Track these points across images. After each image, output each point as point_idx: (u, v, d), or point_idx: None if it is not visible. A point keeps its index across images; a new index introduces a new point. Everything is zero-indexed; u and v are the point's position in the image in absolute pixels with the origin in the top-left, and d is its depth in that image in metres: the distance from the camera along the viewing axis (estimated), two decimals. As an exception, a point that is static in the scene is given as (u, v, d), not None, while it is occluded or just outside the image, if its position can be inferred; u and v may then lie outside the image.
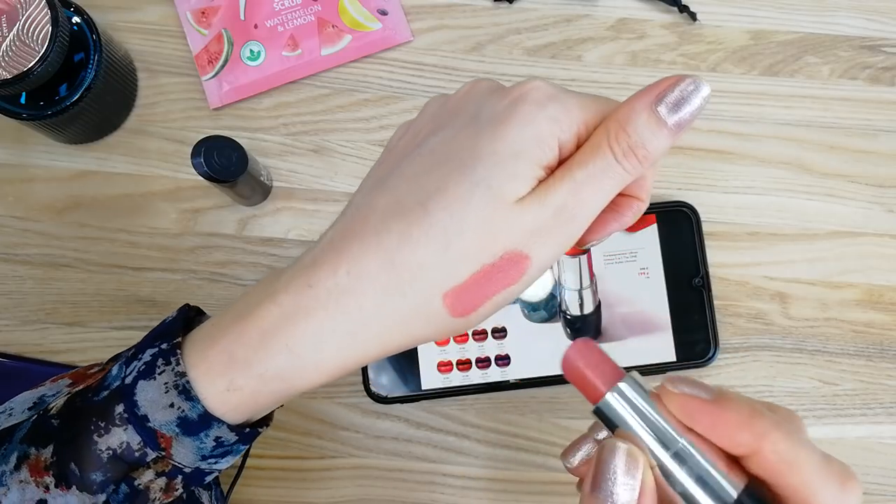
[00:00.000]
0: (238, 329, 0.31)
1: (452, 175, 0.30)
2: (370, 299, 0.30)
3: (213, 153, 0.46)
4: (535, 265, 0.30)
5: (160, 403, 0.31)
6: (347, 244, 0.30)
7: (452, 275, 0.30)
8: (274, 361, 0.31)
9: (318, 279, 0.30)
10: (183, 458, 0.32)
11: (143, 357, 0.32)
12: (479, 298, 0.30)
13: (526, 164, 0.30)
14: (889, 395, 0.52)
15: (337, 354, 0.31)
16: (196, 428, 0.32)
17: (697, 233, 0.52)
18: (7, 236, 0.53)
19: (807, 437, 0.29)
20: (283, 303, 0.31)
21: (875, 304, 0.53)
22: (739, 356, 0.52)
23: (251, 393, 0.31)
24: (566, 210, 0.30)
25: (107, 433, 0.32)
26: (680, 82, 0.30)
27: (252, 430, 0.33)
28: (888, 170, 0.54)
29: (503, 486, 0.51)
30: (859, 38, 0.55)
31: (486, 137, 0.30)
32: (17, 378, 0.51)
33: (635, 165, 0.30)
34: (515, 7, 0.55)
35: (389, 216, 0.30)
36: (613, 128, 0.30)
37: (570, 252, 0.52)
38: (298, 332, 0.30)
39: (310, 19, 0.54)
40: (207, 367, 0.31)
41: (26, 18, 0.44)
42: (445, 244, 0.29)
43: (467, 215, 0.29)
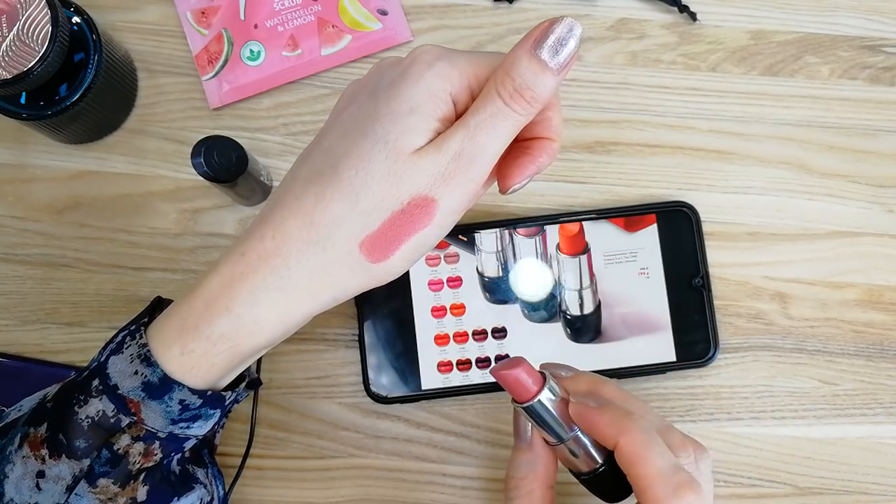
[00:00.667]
0: (188, 301, 0.35)
1: (357, 139, 0.33)
2: (294, 257, 0.34)
3: (213, 153, 0.46)
4: (443, 208, 0.33)
5: (127, 372, 0.35)
6: (272, 213, 0.34)
7: (365, 225, 0.33)
8: (218, 323, 0.35)
9: (249, 247, 0.34)
10: (154, 423, 0.36)
11: (115, 340, 0.37)
12: (394, 243, 0.34)
13: (419, 117, 0.33)
14: (889, 395, 0.52)
15: (272, 310, 0.34)
16: (159, 391, 0.35)
17: (697, 233, 0.52)
18: (7, 236, 0.53)
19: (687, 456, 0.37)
20: (223, 272, 0.35)
21: (875, 304, 0.53)
22: (739, 356, 0.52)
23: (203, 353, 0.35)
24: (464, 154, 0.33)
25: (86, 404, 0.36)
26: (554, 25, 0.33)
27: (215, 393, 0.37)
28: (888, 170, 0.54)
29: (503, 486, 0.51)
30: (859, 38, 0.55)
31: (383, 100, 0.33)
32: (17, 378, 0.51)
33: (524, 107, 0.33)
34: (515, 7, 0.55)
35: (307, 182, 0.34)
36: (500, 75, 0.33)
37: (571, 251, 0.52)
38: (235, 294, 0.34)
39: (310, 19, 0.54)
40: (164, 336, 0.36)
41: (26, 18, 0.44)
42: (355, 198, 0.33)
43: (371, 169, 0.33)
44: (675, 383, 0.52)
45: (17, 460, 0.36)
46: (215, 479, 0.41)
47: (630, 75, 0.55)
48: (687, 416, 0.52)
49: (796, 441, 0.52)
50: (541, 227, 0.52)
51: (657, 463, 0.35)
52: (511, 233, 0.52)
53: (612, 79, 0.55)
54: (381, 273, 0.34)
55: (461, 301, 0.52)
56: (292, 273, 0.34)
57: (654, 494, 0.34)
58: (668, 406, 0.52)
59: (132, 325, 0.37)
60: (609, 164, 0.54)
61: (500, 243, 0.52)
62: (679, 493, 0.34)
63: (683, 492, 0.34)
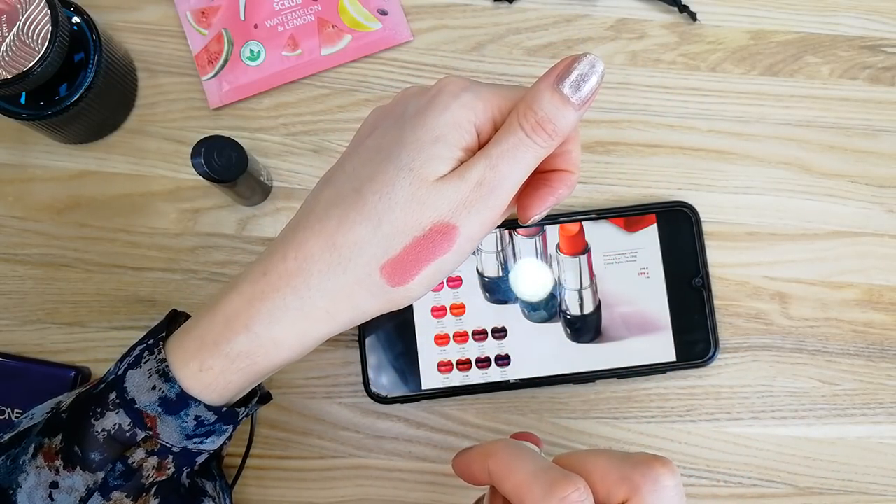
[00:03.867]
0: (208, 318, 0.36)
1: (382, 164, 0.34)
2: (316, 278, 0.34)
3: (213, 153, 0.46)
4: (464, 235, 0.34)
5: (144, 387, 0.36)
6: (294, 234, 0.35)
7: (387, 249, 0.34)
8: (237, 341, 0.35)
9: (270, 266, 0.35)
10: (169, 437, 0.36)
11: (133, 353, 0.38)
12: (414, 268, 0.34)
13: (444, 146, 0.33)
14: (889, 395, 0.52)
15: (291, 329, 0.35)
16: (176, 407, 0.36)
17: (697, 233, 0.52)
18: (7, 236, 0.53)
19: None
20: (243, 290, 0.35)
21: (875, 304, 0.53)
22: (739, 356, 0.52)
23: (220, 371, 0.36)
24: (486, 183, 0.33)
25: (102, 417, 0.36)
26: (577, 62, 0.34)
27: (230, 409, 0.37)
28: (888, 170, 0.54)
29: None
30: (859, 38, 0.55)
31: (409, 128, 0.34)
32: (17, 378, 0.51)
33: (545, 139, 0.34)
34: (515, 7, 0.55)
35: (330, 205, 0.35)
36: (522, 108, 0.34)
37: (571, 251, 0.52)
38: (254, 312, 0.35)
39: (310, 19, 0.54)
40: (183, 352, 0.36)
41: (26, 18, 0.44)
42: (378, 222, 0.33)
43: (395, 194, 0.33)
44: (675, 383, 0.52)
45: (30, 470, 0.37)
46: (223, 492, 0.42)
47: (630, 75, 0.55)
48: (687, 416, 0.52)
49: (796, 441, 0.52)
50: (541, 226, 0.52)
51: (526, 468, 0.33)
52: (511, 233, 0.52)
53: (612, 79, 0.55)
54: (399, 297, 0.35)
55: (461, 301, 0.52)
56: (313, 294, 0.34)
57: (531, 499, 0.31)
58: (668, 406, 0.52)
59: (149, 338, 0.38)
60: (609, 164, 0.54)
61: (500, 243, 0.52)
62: (554, 489, 0.31)
63: (559, 486, 0.31)
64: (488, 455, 0.34)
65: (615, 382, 0.52)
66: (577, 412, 0.52)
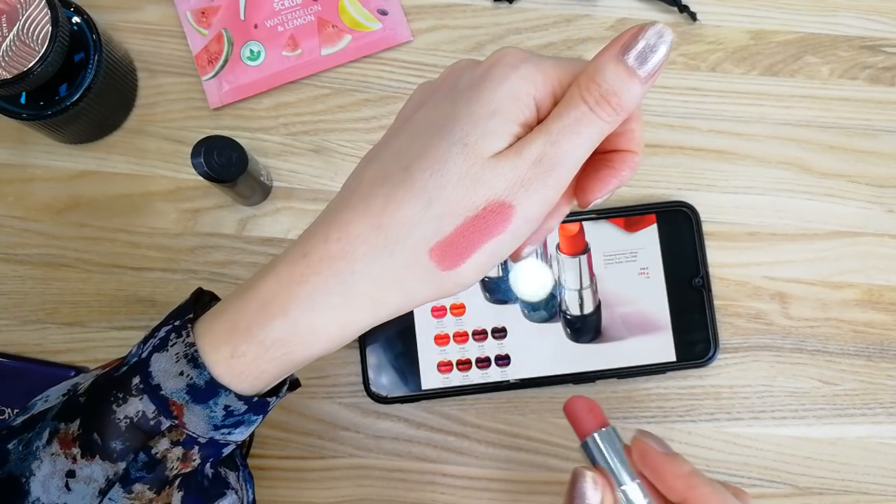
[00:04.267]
0: (241, 301, 0.33)
1: (432, 140, 0.31)
2: (360, 261, 0.31)
3: (213, 153, 0.46)
4: (520, 215, 0.31)
5: (171, 372, 0.33)
6: (338, 214, 0.32)
7: (437, 230, 0.31)
8: (272, 326, 0.32)
9: (311, 248, 0.32)
10: (195, 427, 0.34)
11: (158, 334, 0.35)
12: (466, 251, 0.31)
13: (501, 120, 0.31)
14: (889, 395, 0.52)
15: (332, 317, 0.32)
16: (204, 395, 0.33)
17: (697, 233, 0.52)
18: (7, 236, 0.53)
19: None
20: (280, 273, 0.33)
21: (875, 304, 0.53)
22: (739, 356, 0.52)
23: (253, 358, 0.33)
24: (545, 160, 0.31)
25: (125, 403, 0.34)
26: (644, 31, 0.31)
27: (261, 398, 0.35)
28: (888, 170, 0.54)
29: (503, 486, 0.51)
30: (859, 38, 0.55)
31: (462, 102, 0.32)
32: (17, 378, 0.51)
33: (610, 114, 0.31)
34: (515, 7, 0.55)
35: (376, 183, 0.32)
36: (584, 80, 0.31)
37: (571, 251, 0.52)
38: (293, 297, 0.32)
39: (310, 19, 0.54)
40: (213, 336, 0.33)
41: (26, 18, 0.44)
42: (427, 201, 0.31)
43: (446, 171, 0.31)
44: (675, 383, 0.52)
45: (44, 457, 0.34)
46: (246, 482, 0.39)
47: (630, 75, 0.55)
48: (687, 416, 0.52)
49: (796, 441, 0.52)
50: (541, 227, 0.52)
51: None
52: (511, 233, 0.52)
53: (612, 79, 0.55)
54: (450, 283, 0.32)
55: (461, 301, 0.52)
56: (357, 278, 0.32)
57: None
58: (668, 406, 0.52)
59: (175, 319, 0.35)
60: (609, 164, 0.54)
61: (500, 243, 0.52)
62: None
63: None
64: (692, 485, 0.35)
65: (615, 382, 0.52)
66: (577, 412, 0.52)
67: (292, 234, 0.53)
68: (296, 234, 0.53)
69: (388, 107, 0.54)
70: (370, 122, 0.54)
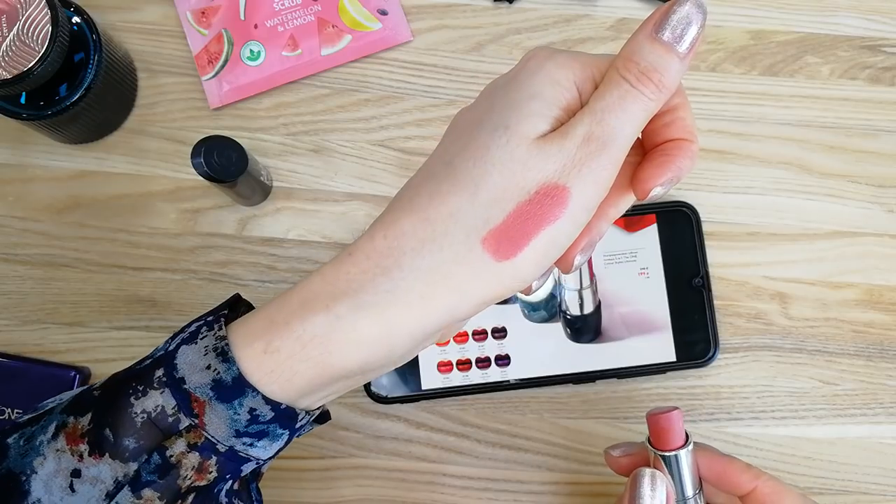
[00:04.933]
0: (282, 298, 0.32)
1: (474, 132, 0.31)
2: (408, 256, 0.30)
3: (213, 153, 0.46)
4: (577, 199, 0.30)
5: (198, 365, 0.31)
6: (383, 216, 0.32)
7: (488, 218, 0.30)
8: (313, 321, 0.31)
9: (357, 246, 0.31)
10: (216, 430, 0.31)
11: (188, 329, 0.33)
12: (522, 239, 0.30)
13: (541, 102, 0.30)
14: (889, 395, 0.52)
15: (378, 317, 0.30)
16: (230, 393, 0.31)
17: (697, 233, 0.52)
18: (7, 236, 0.53)
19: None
20: (325, 272, 0.31)
21: (875, 304, 0.53)
22: (739, 356, 0.52)
23: (288, 356, 0.31)
24: (594, 138, 0.29)
25: (143, 395, 0.31)
26: (676, 6, 0.30)
27: (289, 407, 0.32)
28: (888, 170, 0.54)
29: (503, 486, 0.51)
30: (859, 38, 0.55)
31: (500, 94, 0.31)
32: (17, 378, 0.51)
33: (653, 90, 0.30)
34: (515, 7, 0.55)
35: (421, 184, 0.31)
36: (620, 61, 0.30)
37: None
38: (338, 293, 0.30)
39: (310, 19, 0.54)
40: (246, 330, 0.32)
41: (26, 18, 0.44)
42: (474, 189, 0.30)
43: (491, 157, 0.29)
44: (675, 383, 0.52)
45: (48, 453, 0.32)
46: None
47: (630, 75, 0.55)
48: (687, 416, 0.52)
49: (796, 441, 0.52)
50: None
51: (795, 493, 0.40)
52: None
53: (612, 79, 0.55)
54: (508, 276, 0.30)
55: (461, 301, 0.52)
56: (406, 275, 0.30)
57: None
58: (668, 406, 0.52)
59: (209, 315, 0.33)
60: (609, 164, 0.54)
61: (500, 243, 0.52)
62: None
63: None
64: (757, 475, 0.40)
65: (615, 382, 0.52)
66: (577, 412, 0.52)
67: (292, 235, 0.53)
68: (296, 235, 0.53)
69: (388, 107, 0.54)
70: (370, 122, 0.54)
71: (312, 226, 0.53)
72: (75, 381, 0.50)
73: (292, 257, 0.53)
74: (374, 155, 0.54)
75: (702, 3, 0.30)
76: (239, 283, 0.53)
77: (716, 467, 0.40)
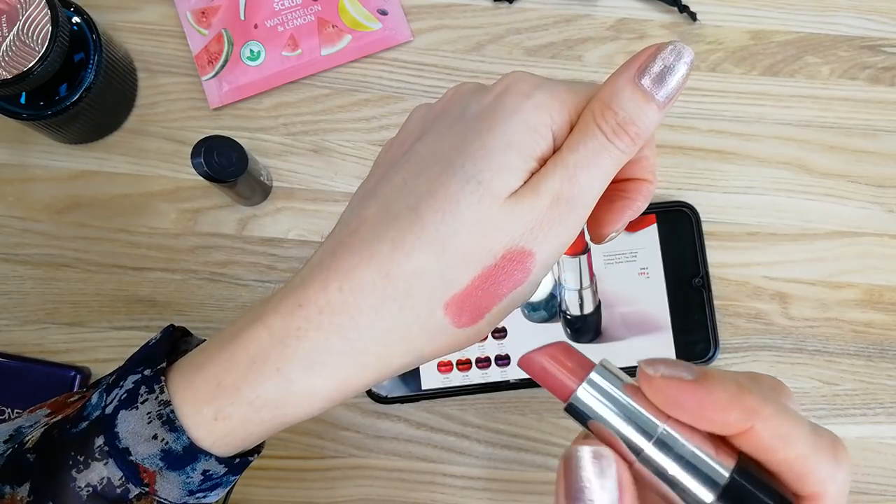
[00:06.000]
0: (226, 354, 0.29)
1: (441, 176, 0.28)
2: (366, 316, 0.28)
3: (213, 153, 0.46)
4: (539, 262, 0.28)
5: (142, 435, 0.29)
6: (338, 259, 0.29)
7: (451, 281, 0.28)
8: (264, 387, 0.29)
9: (307, 297, 0.29)
10: (168, 494, 0.30)
11: (124, 384, 0.30)
12: (484, 305, 0.28)
13: (517, 155, 0.28)
14: (889, 395, 0.52)
15: (332, 377, 0.29)
16: (181, 461, 0.29)
17: (697, 233, 0.52)
18: (7, 236, 0.53)
19: (794, 407, 0.27)
20: (272, 325, 0.29)
21: (875, 304, 0.53)
22: (739, 356, 0.52)
23: (241, 422, 0.29)
24: (563, 198, 0.28)
25: (86, 468, 0.29)
26: (660, 51, 0.29)
27: (243, 458, 0.31)
28: (888, 170, 0.54)
29: (503, 486, 0.51)
30: (859, 38, 0.55)
31: (472, 133, 0.29)
32: (17, 378, 0.51)
33: (628, 143, 0.29)
34: (515, 7, 0.55)
35: (380, 225, 0.29)
36: (598, 107, 0.29)
37: (571, 251, 0.52)
38: (290, 354, 0.28)
39: (310, 19, 0.54)
40: (193, 394, 0.29)
41: (26, 18, 0.44)
42: (440, 248, 0.28)
43: (460, 215, 0.28)
44: (675, 383, 0.52)
45: None
46: None
47: (630, 75, 0.55)
48: (687, 416, 0.52)
49: (796, 441, 0.52)
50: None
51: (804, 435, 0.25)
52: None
53: (612, 79, 0.55)
54: (465, 338, 0.29)
55: (461, 301, 0.52)
56: (362, 335, 0.28)
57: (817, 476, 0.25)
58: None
59: (145, 366, 0.30)
60: (609, 164, 0.54)
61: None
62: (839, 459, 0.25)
63: (842, 454, 0.25)
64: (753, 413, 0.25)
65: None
66: (577, 412, 0.52)
67: (292, 235, 0.53)
68: (296, 234, 0.53)
69: (388, 107, 0.54)
70: (370, 122, 0.54)
71: (312, 226, 0.53)
72: (75, 381, 0.50)
73: (292, 257, 0.53)
74: (373, 155, 0.54)
75: (688, 51, 0.29)
76: (239, 283, 0.53)
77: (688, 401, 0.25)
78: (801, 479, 0.25)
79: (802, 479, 0.25)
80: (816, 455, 0.25)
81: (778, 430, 0.25)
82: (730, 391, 0.25)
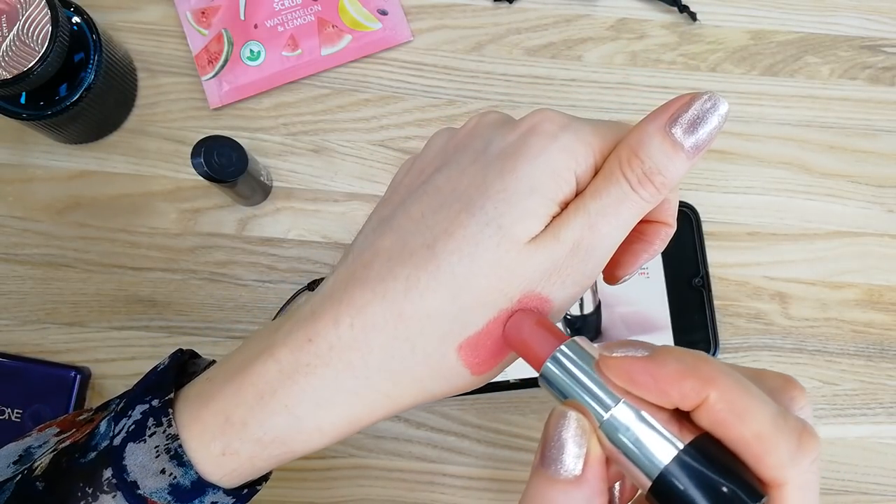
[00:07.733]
0: (234, 387, 0.29)
1: (460, 215, 0.28)
2: (376, 355, 0.28)
3: (213, 153, 0.46)
4: (555, 308, 0.28)
5: (151, 469, 0.29)
6: (349, 293, 0.28)
7: (466, 324, 0.27)
8: (272, 424, 0.29)
9: (318, 332, 0.28)
10: None
11: (132, 414, 0.30)
12: (499, 351, 0.28)
13: (539, 200, 0.28)
14: (889, 395, 0.52)
15: (341, 415, 0.29)
16: (190, 495, 0.29)
17: (697, 233, 0.52)
18: (7, 236, 0.53)
19: (804, 406, 0.26)
20: (282, 359, 0.28)
21: (875, 304, 0.53)
22: (739, 356, 0.52)
23: (248, 457, 0.29)
24: (583, 246, 0.28)
25: (94, 500, 0.29)
26: (695, 100, 0.28)
27: (251, 489, 0.31)
28: (888, 170, 0.54)
29: (503, 486, 0.51)
30: (859, 38, 0.55)
31: (494, 173, 0.28)
32: (17, 378, 0.51)
33: (653, 193, 0.28)
34: (515, 7, 0.55)
35: (395, 260, 0.28)
36: (625, 154, 0.28)
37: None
38: (298, 391, 0.28)
39: (310, 19, 0.54)
40: (201, 428, 0.29)
41: (26, 18, 0.44)
42: (456, 291, 0.27)
43: (477, 258, 0.27)
44: (675, 383, 0.52)
45: None
46: None
47: (630, 75, 0.55)
48: (687, 416, 0.52)
49: (796, 441, 0.52)
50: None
51: (765, 413, 0.24)
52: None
53: (613, 79, 0.55)
54: (476, 381, 0.29)
55: (461, 301, 0.52)
56: (372, 374, 0.28)
57: (776, 459, 0.23)
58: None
59: (152, 396, 0.30)
60: (609, 164, 0.54)
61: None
62: (804, 446, 0.23)
63: (808, 441, 0.24)
64: (708, 379, 0.24)
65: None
66: (577, 412, 0.52)
67: (292, 235, 0.53)
68: (296, 234, 0.53)
69: (389, 107, 0.54)
70: (370, 122, 0.54)
71: (312, 226, 0.53)
72: (75, 381, 0.50)
73: (292, 257, 0.53)
74: (374, 155, 0.54)
75: (723, 103, 0.28)
76: (239, 283, 0.53)
77: (642, 377, 0.24)
78: (758, 461, 0.23)
79: (760, 460, 0.23)
80: (776, 436, 0.23)
81: (734, 403, 0.23)
82: (685, 363, 0.24)
